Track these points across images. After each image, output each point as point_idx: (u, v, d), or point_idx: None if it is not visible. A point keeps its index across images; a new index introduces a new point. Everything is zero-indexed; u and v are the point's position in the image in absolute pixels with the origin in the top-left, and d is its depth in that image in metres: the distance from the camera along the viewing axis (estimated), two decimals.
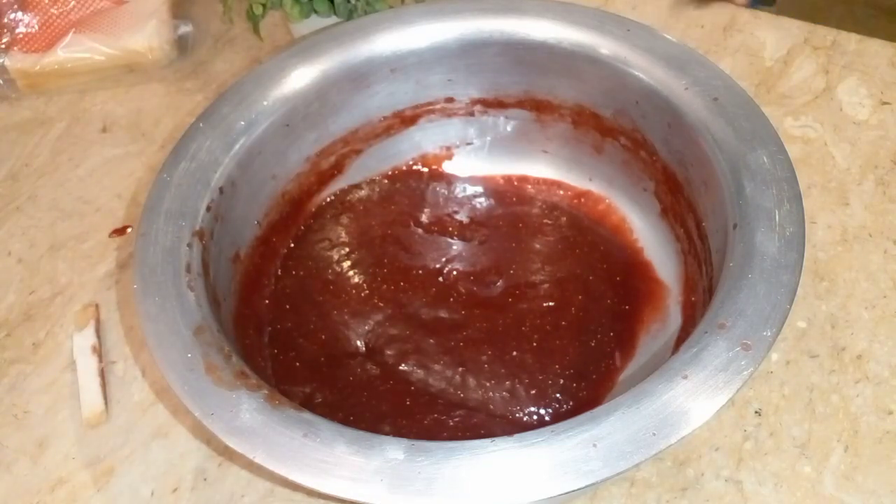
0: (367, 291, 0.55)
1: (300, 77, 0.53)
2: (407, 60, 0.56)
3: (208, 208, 0.47)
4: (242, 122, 0.51)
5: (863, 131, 0.63)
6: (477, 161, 0.61)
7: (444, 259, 0.57)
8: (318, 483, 0.35)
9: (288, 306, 0.54)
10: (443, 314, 0.54)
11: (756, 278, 0.40)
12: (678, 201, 0.52)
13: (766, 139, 0.46)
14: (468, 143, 0.61)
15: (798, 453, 0.47)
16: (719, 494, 0.46)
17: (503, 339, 0.52)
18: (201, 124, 0.50)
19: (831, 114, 0.64)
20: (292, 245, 0.57)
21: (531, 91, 0.57)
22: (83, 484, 0.48)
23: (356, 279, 0.56)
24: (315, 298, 0.54)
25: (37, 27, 0.72)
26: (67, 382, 0.53)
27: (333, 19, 0.65)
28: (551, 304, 0.53)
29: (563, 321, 0.52)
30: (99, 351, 0.54)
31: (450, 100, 0.59)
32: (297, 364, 0.51)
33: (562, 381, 0.50)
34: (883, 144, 0.62)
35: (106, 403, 0.51)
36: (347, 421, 0.39)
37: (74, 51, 0.70)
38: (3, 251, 0.61)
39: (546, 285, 0.54)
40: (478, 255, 0.57)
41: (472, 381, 0.50)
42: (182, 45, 0.74)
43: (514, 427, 0.48)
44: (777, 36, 0.70)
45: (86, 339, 0.54)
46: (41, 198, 0.64)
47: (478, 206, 0.60)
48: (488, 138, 0.61)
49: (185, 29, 0.74)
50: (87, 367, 0.53)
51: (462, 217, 0.59)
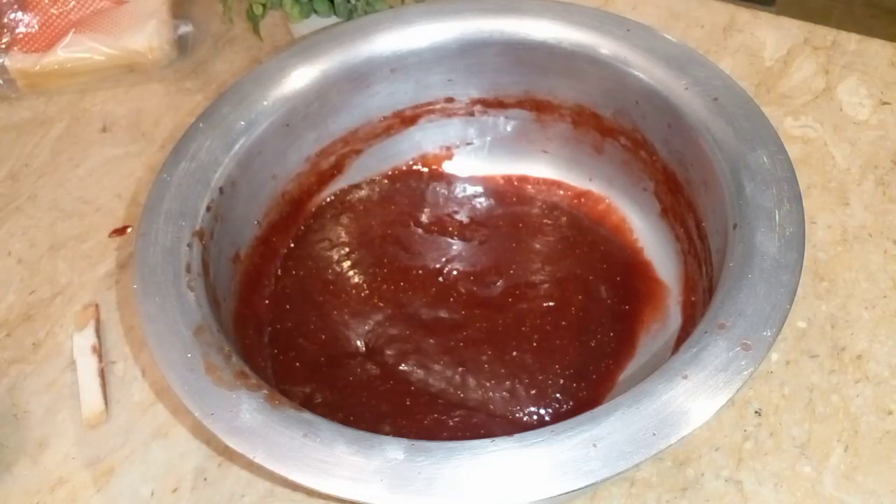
0: (367, 291, 0.55)
1: (300, 77, 0.53)
2: (407, 60, 0.56)
3: (208, 208, 0.47)
4: (242, 122, 0.51)
5: (863, 131, 0.63)
6: (477, 161, 0.61)
7: (444, 259, 0.57)
8: (318, 483, 0.35)
9: (288, 306, 0.54)
10: (443, 314, 0.54)
11: (756, 278, 0.40)
12: (678, 201, 0.52)
13: (766, 139, 0.46)
14: (468, 143, 0.61)
15: (798, 453, 0.47)
16: (719, 494, 0.46)
17: (503, 339, 0.52)
18: (201, 124, 0.50)
19: (831, 114, 0.64)
20: (292, 245, 0.57)
21: (531, 91, 0.57)
22: (83, 484, 0.48)
23: (356, 279, 0.56)
24: (315, 298, 0.54)
25: (37, 27, 0.72)
26: (67, 382, 0.53)
27: (333, 19, 0.65)
28: (551, 304, 0.53)
29: (563, 321, 0.52)
30: (99, 351, 0.54)
31: (450, 100, 0.59)
32: (297, 364, 0.51)
33: (562, 381, 0.50)
34: (883, 144, 0.62)
35: (106, 403, 0.51)
36: (347, 421, 0.39)
37: (74, 51, 0.70)
38: (3, 251, 0.61)
39: (546, 285, 0.54)
40: (478, 255, 0.57)
41: (472, 381, 0.50)
42: (182, 45, 0.74)
43: (514, 427, 0.48)
44: (777, 36, 0.70)
45: (86, 339, 0.54)
46: (41, 198, 0.64)
47: (478, 206, 0.60)
48: (488, 138, 0.61)
49: (185, 29, 0.74)
50: (87, 367, 0.53)
51: (462, 217, 0.59)
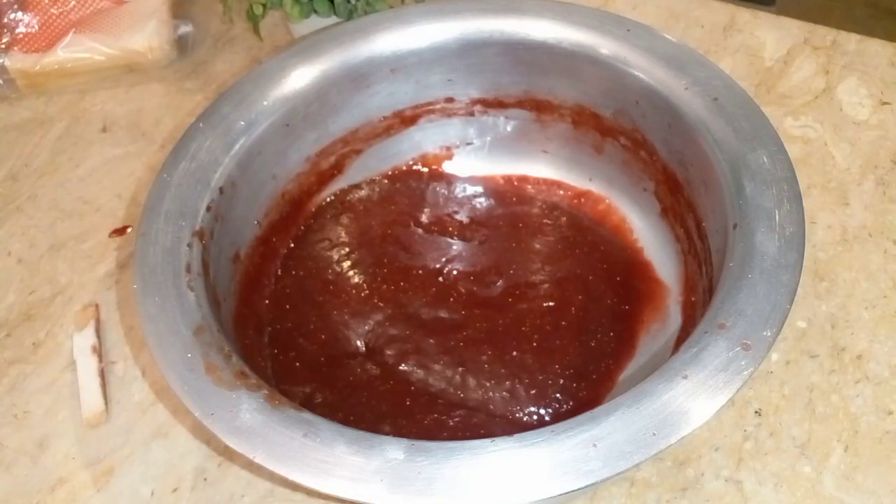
0: (367, 291, 0.55)
1: (300, 77, 0.53)
2: (407, 60, 0.56)
3: (208, 208, 0.47)
4: (242, 122, 0.51)
5: (863, 131, 0.63)
6: (477, 161, 0.61)
7: (444, 259, 0.57)
8: (318, 483, 0.35)
9: (288, 306, 0.54)
10: (443, 314, 0.54)
11: (756, 278, 0.40)
12: (678, 201, 0.52)
13: (766, 139, 0.46)
14: (468, 143, 0.61)
15: (798, 453, 0.47)
16: (719, 494, 0.46)
17: (503, 339, 0.52)
18: (201, 124, 0.50)
19: (831, 114, 0.64)
20: (292, 245, 0.57)
21: (531, 91, 0.57)
22: (83, 484, 0.48)
23: (356, 279, 0.56)
24: (315, 298, 0.54)
25: (37, 27, 0.72)
26: (67, 382, 0.53)
27: (333, 19, 0.65)
28: (551, 304, 0.53)
29: (563, 321, 0.52)
30: (99, 351, 0.54)
31: (450, 100, 0.59)
32: (297, 364, 0.51)
33: (562, 381, 0.50)
34: (883, 144, 0.62)
35: (106, 403, 0.51)
36: (347, 421, 0.39)
37: (74, 51, 0.70)
38: (3, 251, 0.61)
39: (546, 285, 0.54)
40: (478, 255, 0.57)
41: (472, 381, 0.50)
42: (182, 45, 0.74)
43: (514, 427, 0.48)
44: (777, 36, 0.70)
45: (86, 339, 0.54)
46: (41, 198, 0.64)
47: (478, 206, 0.60)
48: (488, 138, 0.61)
49: (185, 29, 0.74)
50: (87, 367, 0.53)
51: (462, 217, 0.59)
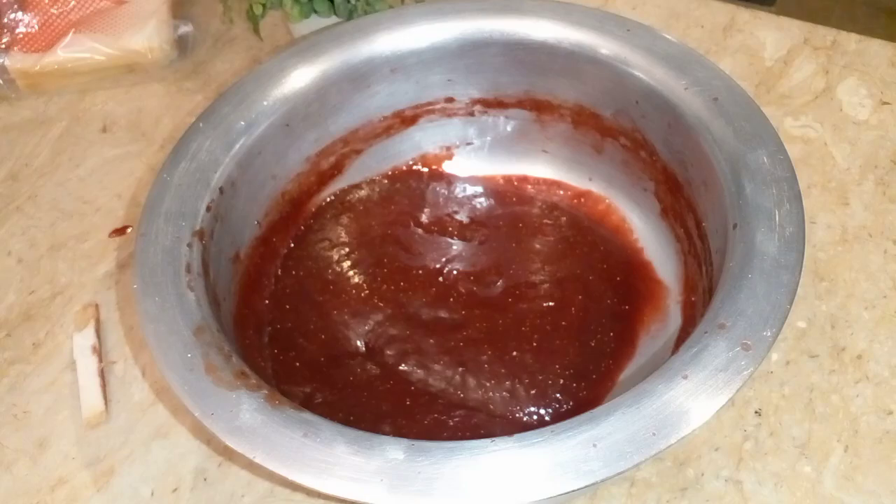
0: (367, 291, 0.55)
1: (300, 77, 0.53)
2: (407, 60, 0.56)
3: (208, 208, 0.47)
4: (242, 122, 0.51)
5: (863, 131, 0.63)
6: (477, 161, 0.61)
7: (444, 259, 0.57)
8: (319, 483, 0.35)
9: (288, 306, 0.54)
10: (443, 314, 0.54)
11: (756, 278, 0.40)
12: (678, 201, 0.52)
13: (766, 139, 0.46)
14: (468, 143, 0.61)
15: (798, 453, 0.47)
16: (719, 494, 0.46)
17: (503, 339, 0.52)
18: (201, 124, 0.50)
19: (831, 114, 0.64)
20: (292, 245, 0.57)
21: (531, 91, 0.57)
22: (83, 484, 0.48)
23: (356, 279, 0.56)
24: (315, 298, 0.54)
25: (37, 27, 0.72)
26: (67, 382, 0.53)
27: (333, 19, 0.65)
28: (551, 304, 0.53)
29: (563, 321, 0.52)
30: (99, 351, 0.54)
31: (450, 100, 0.59)
32: (297, 364, 0.51)
33: (562, 381, 0.50)
34: (883, 144, 0.62)
35: (106, 403, 0.51)
36: (347, 421, 0.39)
37: (74, 51, 0.70)
38: (3, 251, 0.61)
39: (546, 285, 0.54)
40: (478, 255, 0.57)
41: (472, 381, 0.50)
42: (182, 45, 0.74)
43: (514, 427, 0.48)
44: (777, 36, 0.70)
45: (86, 339, 0.54)
46: (41, 198, 0.64)
47: (478, 206, 0.60)
48: (488, 138, 0.61)
49: (185, 29, 0.74)
50: (87, 367, 0.53)
51: (462, 217, 0.59)
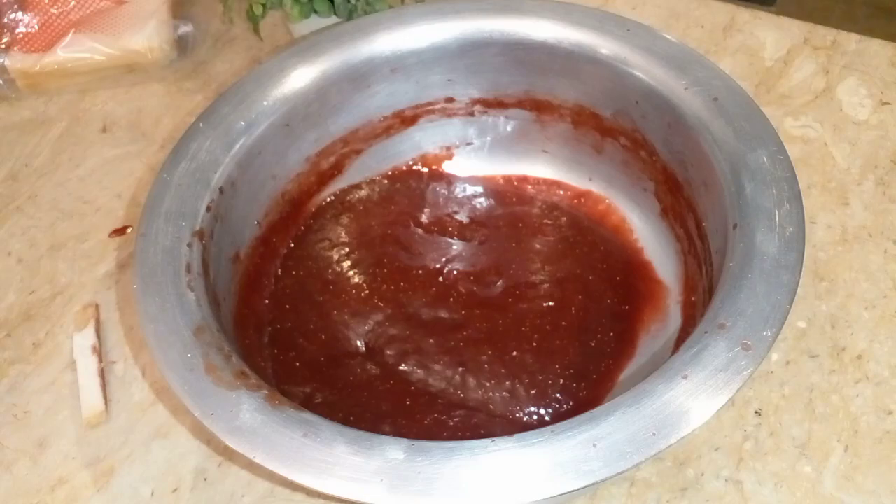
0: (367, 291, 0.55)
1: (300, 77, 0.53)
2: (407, 60, 0.56)
3: (208, 208, 0.47)
4: (242, 122, 0.51)
5: (863, 131, 0.63)
6: (477, 161, 0.61)
7: (444, 259, 0.57)
8: (318, 483, 0.35)
9: (288, 306, 0.54)
10: (443, 314, 0.54)
11: (756, 278, 0.40)
12: (678, 201, 0.52)
13: (766, 139, 0.46)
14: (468, 143, 0.61)
15: (798, 453, 0.47)
16: (719, 494, 0.46)
17: (503, 339, 0.52)
18: (201, 124, 0.50)
19: (831, 114, 0.64)
20: (292, 245, 0.57)
21: (531, 91, 0.57)
22: (83, 484, 0.48)
23: (356, 279, 0.56)
24: (315, 298, 0.54)
25: (37, 27, 0.72)
26: (67, 382, 0.53)
27: (333, 19, 0.65)
28: (551, 304, 0.53)
29: (563, 321, 0.52)
30: (99, 351, 0.54)
31: (450, 100, 0.59)
32: (297, 364, 0.51)
33: (562, 381, 0.50)
34: (883, 144, 0.62)
35: (106, 403, 0.51)
36: (347, 421, 0.39)
37: (74, 51, 0.70)
38: (3, 251, 0.61)
39: (546, 285, 0.54)
40: (478, 255, 0.57)
41: (472, 381, 0.50)
42: (182, 45, 0.74)
43: (514, 427, 0.48)
44: (777, 36, 0.70)
45: (86, 339, 0.54)
46: (41, 198, 0.64)
47: (478, 206, 0.60)
48: (488, 138, 0.61)
49: (185, 29, 0.74)
50: (87, 367, 0.53)
51: (462, 217, 0.59)
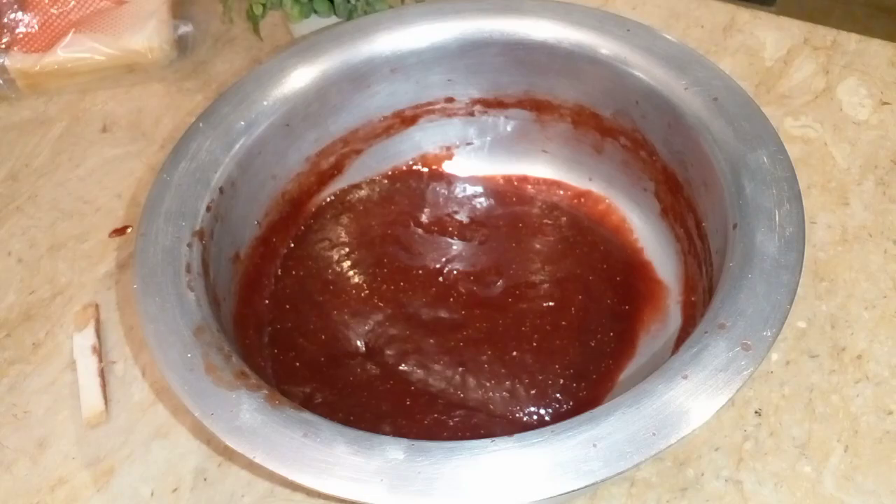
0: (367, 291, 0.55)
1: (300, 77, 0.53)
2: (407, 60, 0.56)
3: (208, 208, 0.47)
4: (242, 122, 0.51)
5: (863, 131, 0.63)
6: (477, 161, 0.61)
7: (444, 259, 0.57)
8: (318, 483, 0.35)
9: (288, 306, 0.54)
10: (443, 314, 0.54)
11: (756, 278, 0.40)
12: (678, 201, 0.52)
13: (766, 139, 0.46)
14: (468, 143, 0.61)
15: (798, 453, 0.47)
16: (719, 494, 0.46)
17: (503, 339, 0.52)
18: (201, 124, 0.50)
19: (831, 114, 0.64)
20: (292, 245, 0.57)
21: (531, 91, 0.57)
22: (83, 484, 0.48)
23: (356, 279, 0.56)
24: (315, 298, 0.54)
25: (37, 27, 0.72)
26: (67, 382, 0.53)
27: (333, 19, 0.65)
28: (551, 304, 0.53)
29: (563, 321, 0.52)
30: (99, 351, 0.54)
31: (450, 100, 0.59)
32: (297, 364, 0.51)
33: (562, 381, 0.50)
34: (883, 144, 0.62)
35: (106, 403, 0.51)
36: (347, 421, 0.39)
37: (74, 51, 0.70)
38: (3, 251, 0.61)
39: (546, 285, 0.54)
40: (478, 255, 0.57)
41: (472, 381, 0.50)
42: (182, 45, 0.74)
43: (514, 427, 0.48)
44: (777, 36, 0.70)
45: (86, 339, 0.54)
46: (41, 198, 0.64)
47: (478, 206, 0.60)
48: (488, 138, 0.61)
49: (185, 29, 0.74)
50: (87, 367, 0.53)
51: (462, 217, 0.59)
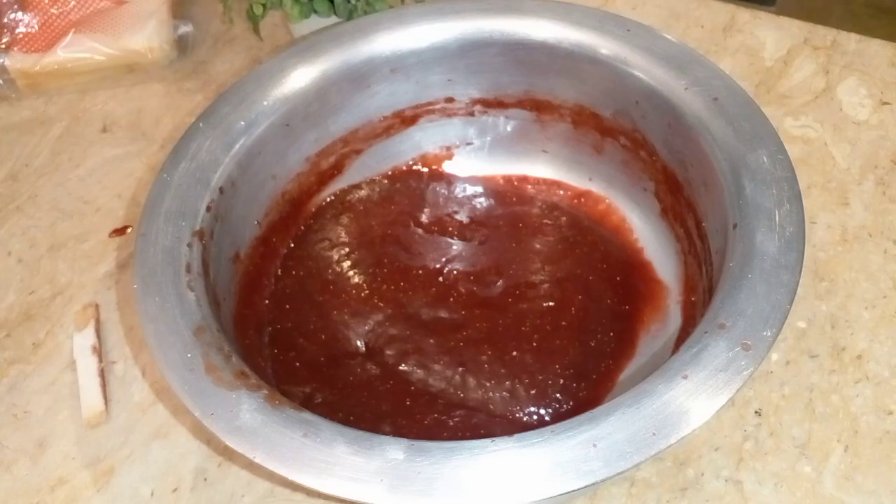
0: (367, 291, 0.55)
1: (300, 77, 0.53)
2: (407, 60, 0.56)
3: (208, 208, 0.47)
4: (242, 122, 0.51)
5: (863, 131, 0.63)
6: (477, 161, 0.61)
7: (444, 259, 0.57)
8: (318, 483, 0.35)
9: (288, 306, 0.54)
10: (443, 314, 0.54)
11: (756, 278, 0.40)
12: (678, 201, 0.52)
13: (766, 139, 0.46)
14: (468, 143, 0.61)
15: (798, 453, 0.47)
16: (719, 494, 0.46)
17: (503, 339, 0.52)
18: (201, 124, 0.50)
19: (831, 114, 0.64)
20: (292, 245, 0.57)
21: (531, 91, 0.57)
22: (83, 484, 0.48)
23: (356, 279, 0.56)
24: (315, 298, 0.54)
25: (37, 27, 0.72)
26: (67, 382, 0.53)
27: (333, 19, 0.65)
28: (551, 304, 0.53)
29: (563, 321, 0.52)
30: (99, 351, 0.54)
31: (450, 100, 0.59)
32: (298, 364, 0.51)
33: (562, 381, 0.50)
34: (883, 144, 0.62)
35: (106, 403, 0.51)
36: (347, 421, 0.39)
37: (74, 51, 0.70)
38: (3, 251, 0.61)
39: (546, 285, 0.54)
40: (478, 255, 0.57)
41: (472, 381, 0.50)
42: (182, 45, 0.74)
43: (514, 427, 0.48)
44: (777, 36, 0.70)
45: (86, 338, 0.54)
46: (41, 198, 0.64)
47: (478, 206, 0.60)
48: (488, 138, 0.61)
49: (185, 29, 0.74)
50: (87, 367, 0.53)
51: (462, 217, 0.59)
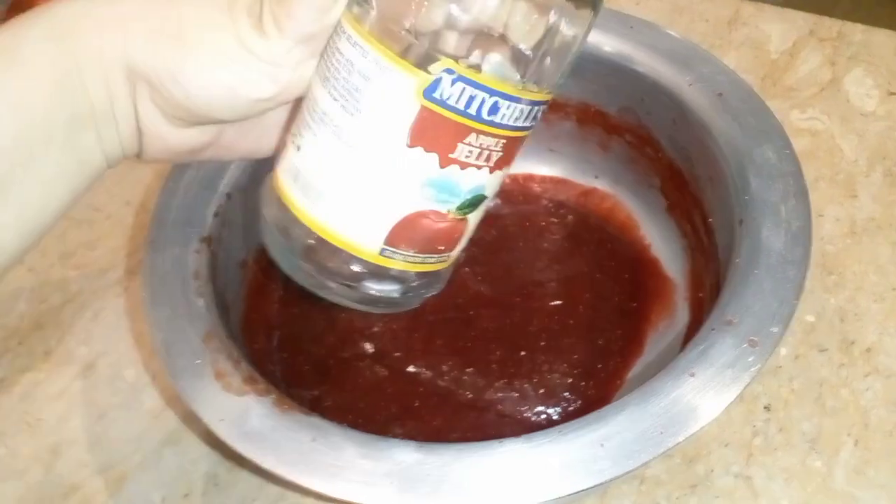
0: None
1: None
2: None
3: (216, 214, 0.48)
4: None
5: (870, 122, 0.62)
6: None
7: None
8: (328, 487, 0.35)
9: (296, 310, 0.54)
10: (450, 314, 0.54)
11: (762, 274, 0.40)
12: (684, 197, 0.52)
13: (772, 134, 0.46)
14: None
15: (808, 448, 0.47)
16: (729, 490, 0.46)
17: (511, 339, 0.52)
18: None
19: (838, 105, 0.63)
20: None
21: None
22: (96, 490, 0.49)
23: None
24: (323, 302, 0.54)
25: None
26: (79, 390, 0.53)
27: None
28: (559, 302, 0.53)
29: (571, 320, 0.52)
30: None
31: None
32: (306, 367, 0.51)
33: (570, 380, 0.50)
34: (891, 135, 0.61)
35: None
36: (357, 423, 0.39)
37: None
38: None
39: (553, 284, 0.54)
40: (485, 254, 0.57)
41: (480, 382, 0.50)
42: None
43: (522, 427, 0.48)
44: (782, 28, 0.70)
45: None
46: None
47: None
48: None
49: None
50: None
51: None
